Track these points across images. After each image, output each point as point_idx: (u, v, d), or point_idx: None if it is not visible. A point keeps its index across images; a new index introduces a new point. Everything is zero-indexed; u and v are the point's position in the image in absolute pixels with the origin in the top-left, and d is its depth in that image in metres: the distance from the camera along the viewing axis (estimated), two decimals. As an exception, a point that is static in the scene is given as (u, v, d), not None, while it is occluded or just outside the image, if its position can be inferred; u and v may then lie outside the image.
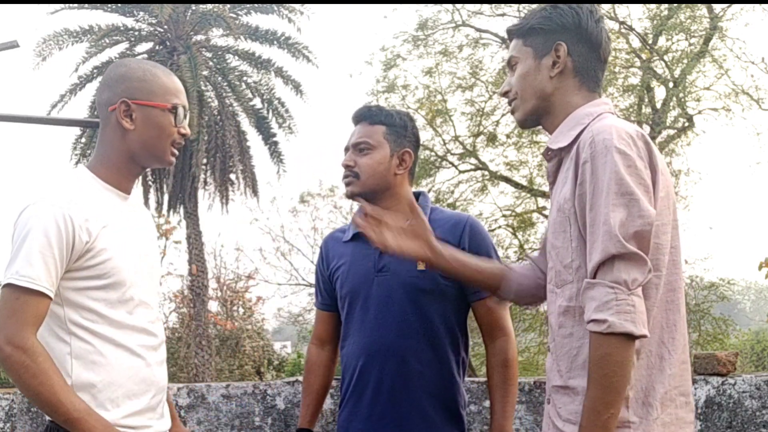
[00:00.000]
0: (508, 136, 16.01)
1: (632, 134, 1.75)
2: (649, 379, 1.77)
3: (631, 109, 16.11)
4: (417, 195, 2.61)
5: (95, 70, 17.69)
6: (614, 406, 1.68)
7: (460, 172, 16.50)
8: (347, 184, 2.52)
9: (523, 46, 1.96)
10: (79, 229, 1.92)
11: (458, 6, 15.91)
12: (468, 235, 2.48)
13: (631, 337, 1.66)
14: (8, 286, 1.87)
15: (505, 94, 2.00)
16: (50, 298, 1.89)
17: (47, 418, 1.92)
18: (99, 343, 1.95)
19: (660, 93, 16.13)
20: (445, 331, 2.48)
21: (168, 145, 2.07)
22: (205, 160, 17.63)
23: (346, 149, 2.56)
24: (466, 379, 2.62)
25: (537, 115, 1.96)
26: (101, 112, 2.08)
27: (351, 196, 2.53)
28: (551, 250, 1.87)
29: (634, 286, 1.67)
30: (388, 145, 2.52)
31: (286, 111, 18.33)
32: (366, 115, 2.56)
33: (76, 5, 17.68)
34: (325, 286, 2.63)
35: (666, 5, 15.13)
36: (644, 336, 1.68)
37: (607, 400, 1.68)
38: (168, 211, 18.43)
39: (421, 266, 2.43)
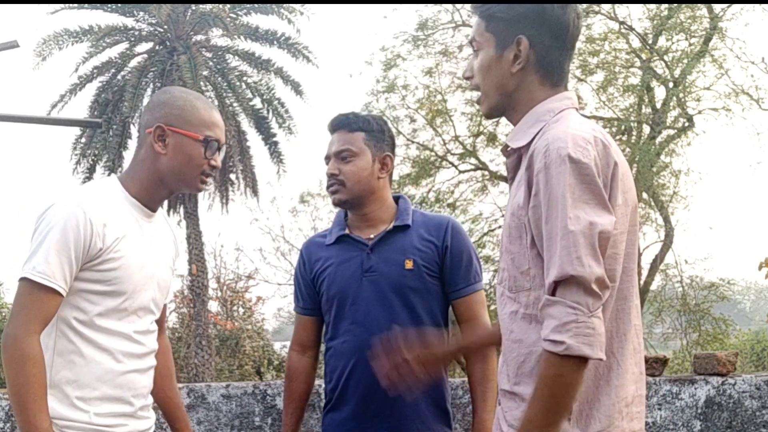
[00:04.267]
0: (507, 136, 15.96)
1: (589, 139, 1.68)
2: (595, 391, 1.73)
3: (631, 109, 16.12)
4: (397, 198, 2.66)
5: (95, 70, 17.68)
6: (554, 426, 1.65)
7: (460, 172, 16.50)
8: (333, 192, 2.56)
9: (485, 32, 1.84)
10: (97, 234, 1.99)
11: (458, 6, 15.90)
12: (451, 235, 2.55)
13: (585, 360, 1.62)
14: (24, 280, 1.95)
15: (468, 79, 1.93)
16: (62, 296, 1.96)
17: None
18: (81, 344, 2.01)
19: (660, 93, 16.13)
20: (433, 328, 2.52)
21: (197, 174, 2.13)
22: (205, 160, 17.61)
23: (327, 158, 2.60)
24: (460, 378, 2.66)
25: (501, 110, 1.90)
26: (140, 133, 2.17)
27: (339, 203, 2.58)
28: (505, 253, 1.82)
29: (595, 307, 1.62)
30: (370, 151, 2.56)
31: (286, 111, 18.32)
32: (344, 123, 2.60)
33: (76, 5, 17.66)
34: (308, 291, 2.65)
35: (666, 5, 15.13)
36: (601, 359, 1.64)
37: (548, 418, 1.65)
38: (168, 211, 18.42)
39: (408, 265, 2.51)
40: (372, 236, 2.55)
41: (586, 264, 1.60)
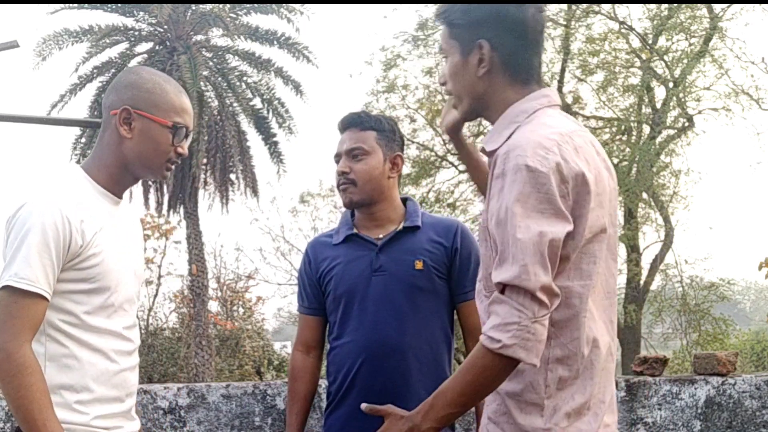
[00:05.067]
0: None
1: (550, 147, 1.68)
2: (571, 389, 1.75)
3: (631, 109, 16.13)
4: (404, 200, 2.65)
5: (95, 70, 17.69)
6: (460, 408, 1.73)
7: (460, 172, 16.49)
8: (344, 191, 2.54)
9: (450, 38, 1.86)
10: (76, 231, 1.91)
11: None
12: (460, 237, 2.56)
13: (516, 362, 1.65)
14: (7, 288, 1.85)
15: (443, 85, 1.95)
16: (48, 301, 1.88)
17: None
18: (74, 347, 1.94)
19: (660, 93, 16.16)
20: (440, 330, 2.54)
21: (162, 161, 2.05)
22: (205, 160, 17.62)
23: (337, 156, 2.58)
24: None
25: (476, 113, 1.91)
26: (104, 114, 2.06)
27: (350, 203, 2.55)
28: (480, 256, 1.87)
29: (540, 314, 1.63)
30: (381, 150, 2.55)
31: (286, 111, 18.33)
32: (356, 122, 2.58)
33: (76, 5, 17.68)
34: (313, 290, 2.63)
35: (666, 5, 15.14)
36: (534, 365, 1.66)
37: (457, 400, 1.71)
38: (168, 211, 18.42)
39: (418, 265, 2.50)
40: (381, 236, 2.54)
41: (532, 272, 1.62)
